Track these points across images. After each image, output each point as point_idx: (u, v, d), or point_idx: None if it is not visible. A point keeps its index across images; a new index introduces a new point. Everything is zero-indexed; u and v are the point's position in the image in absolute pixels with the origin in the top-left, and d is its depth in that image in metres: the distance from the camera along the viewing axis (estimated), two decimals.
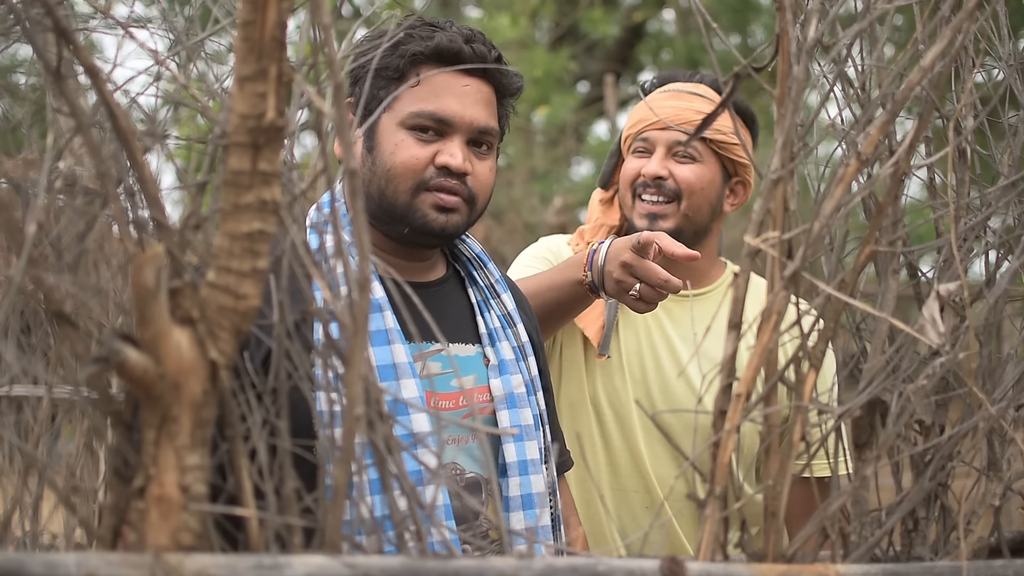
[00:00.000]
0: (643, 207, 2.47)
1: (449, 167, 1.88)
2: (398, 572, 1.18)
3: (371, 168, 1.90)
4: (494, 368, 1.98)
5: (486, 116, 1.93)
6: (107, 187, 1.25)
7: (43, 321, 1.80)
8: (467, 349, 1.98)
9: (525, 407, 1.98)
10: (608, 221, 2.58)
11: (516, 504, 1.91)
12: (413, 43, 1.90)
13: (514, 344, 2.02)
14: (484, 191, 1.95)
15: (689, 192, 2.46)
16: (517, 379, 1.99)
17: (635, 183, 2.49)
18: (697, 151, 2.47)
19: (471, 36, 1.93)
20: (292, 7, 1.19)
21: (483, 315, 2.01)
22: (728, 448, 1.36)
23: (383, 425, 1.28)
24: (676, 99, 2.51)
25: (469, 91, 1.92)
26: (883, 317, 1.46)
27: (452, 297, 2.02)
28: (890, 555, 1.55)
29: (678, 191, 2.45)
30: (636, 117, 2.55)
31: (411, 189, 1.88)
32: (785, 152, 1.40)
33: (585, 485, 2.49)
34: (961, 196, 1.69)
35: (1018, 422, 1.65)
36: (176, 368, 1.16)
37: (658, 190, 2.45)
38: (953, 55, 1.47)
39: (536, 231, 8.65)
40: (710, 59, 1.76)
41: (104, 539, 1.24)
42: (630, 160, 2.53)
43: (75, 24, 1.40)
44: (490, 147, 1.95)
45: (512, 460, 1.93)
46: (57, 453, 2.20)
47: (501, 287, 2.06)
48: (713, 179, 2.49)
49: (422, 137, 1.89)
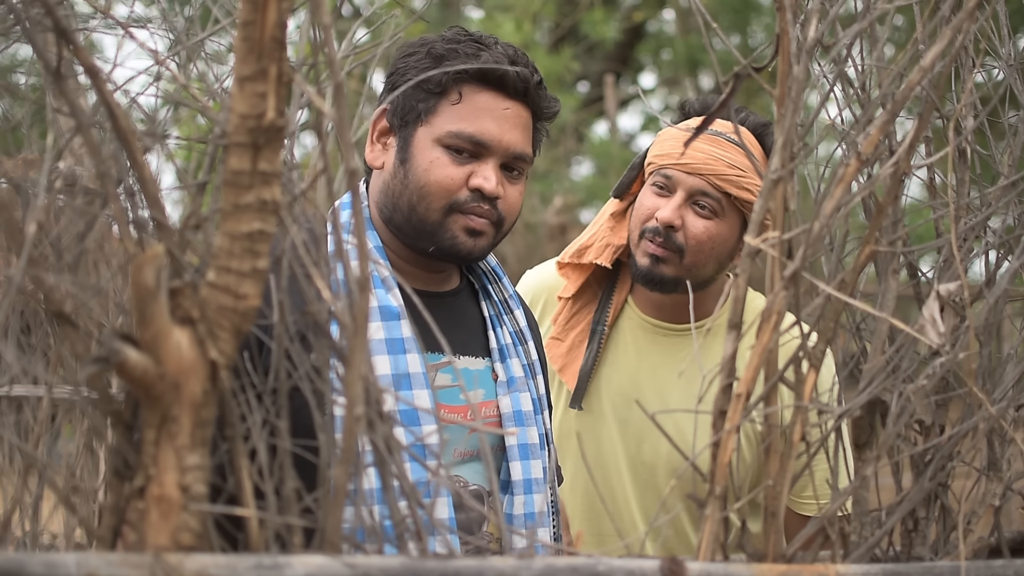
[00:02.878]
0: (648, 247, 2.33)
1: (483, 190, 1.87)
2: (398, 572, 1.18)
3: (403, 181, 1.88)
4: (502, 384, 1.97)
5: (523, 142, 1.92)
6: (107, 187, 1.25)
7: (43, 321, 1.80)
8: (476, 363, 1.98)
9: (532, 426, 1.97)
10: (615, 240, 2.44)
11: (519, 522, 1.91)
12: (459, 59, 1.87)
13: (524, 362, 2.01)
14: (512, 215, 1.93)
15: (696, 250, 2.32)
16: (526, 397, 1.98)
17: (646, 224, 2.35)
18: (719, 205, 2.31)
19: (515, 58, 1.91)
20: (292, 7, 1.19)
21: (495, 330, 2.00)
22: (728, 448, 1.36)
23: (383, 426, 1.28)
24: (712, 143, 2.32)
25: (509, 115, 1.90)
26: (883, 317, 1.46)
27: (465, 309, 2.01)
28: (890, 555, 1.55)
29: (683, 246, 2.32)
30: (666, 148, 2.37)
31: (443, 208, 1.87)
32: (785, 152, 1.40)
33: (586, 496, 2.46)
34: (961, 196, 1.69)
35: (1018, 422, 1.65)
36: (176, 368, 1.16)
37: (665, 240, 2.32)
38: (953, 55, 1.47)
39: (536, 231, 8.65)
40: (710, 59, 1.76)
41: (104, 539, 1.24)
42: (648, 194, 2.38)
43: (75, 24, 1.40)
44: (521, 172, 1.94)
45: (517, 478, 1.93)
46: (57, 453, 2.20)
47: (514, 303, 2.05)
48: (728, 237, 2.34)
49: (457, 157, 1.87)
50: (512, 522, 1.91)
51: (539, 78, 1.94)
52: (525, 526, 1.91)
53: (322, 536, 1.24)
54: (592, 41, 10.83)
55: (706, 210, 2.32)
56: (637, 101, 12.47)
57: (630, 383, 2.43)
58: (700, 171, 2.31)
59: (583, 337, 2.45)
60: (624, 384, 2.43)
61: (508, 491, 1.93)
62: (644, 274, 2.35)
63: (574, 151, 10.17)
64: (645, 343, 2.45)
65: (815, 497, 2.33)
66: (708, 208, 2.32)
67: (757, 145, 2.35)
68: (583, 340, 2.44)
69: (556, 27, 11.14)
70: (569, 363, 2.43)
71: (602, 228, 2.47)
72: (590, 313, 2.46)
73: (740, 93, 2.26)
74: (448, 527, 1.43)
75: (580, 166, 10.72)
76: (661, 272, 2.34)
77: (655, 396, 2.41)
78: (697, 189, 2.32)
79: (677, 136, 2.37)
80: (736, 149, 2.30)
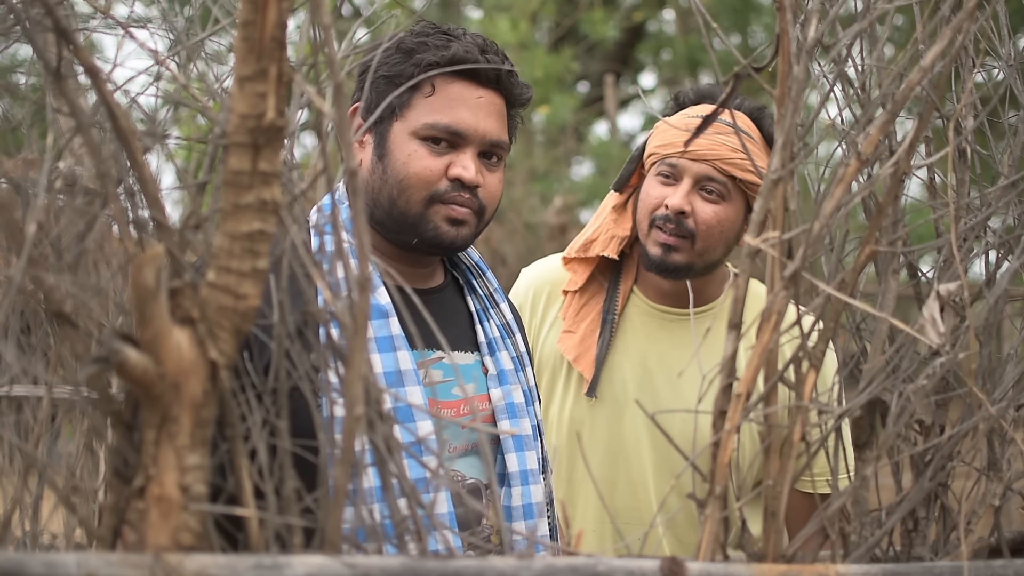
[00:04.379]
0: (659, 236, 2.39)
1: (462, 180, 1.88)
2: (398, 572, 1.18)
3: (382, 176, 1.89)
4: (493, 378, 1.98)
5: (498, 129, 1.93)
6: (107, 187, 1.25)
7: (43, 321, 1.80)
8: (466, 357, 1.99)
9: (524, 417, 1.99)
10: (619, 232, 2.50)
11: (517, 514, 1.92)
12: (429, 52, 1.88)
13: (513, 354, 2.03)
14: (492, 203, 1.95)
15: (706, 234, 2.37)
16: (517, 389, 2.00)
17: (655, 213, 2.40)
18: (726, 188, 2.38)
19: (485, 46, 1.92)
20: (292, 7, 1.19)
21: (482, 324, 2.01)
22: (728, 448, 1.36)
23: (383, 426, 1.28)
24: (714, 130, 2.37)
25: (483, 103, 1.91)
26: (883, 317, 1.46)
27: (451, 304, 2.02)
28: (890, 555, 1.55)
29: (694, 232, 2.37)
30: (668, 138, 2.42)
31: (424, 200, 1.88)
32: (785, 152, 1.40)
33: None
34: (961, 196, 1.69)
35: (1018, 422, 1.65)
36: (176, 368, 1.16)
37: (676, 226, 2.37)
38: (953, 55, 1.47)
39: (536, 231, 8.65)
40: (710, 59, 1.76)
41: (104, 539, 1.24)
42: (653, 184, 2.43)
43: (75, 24, 1.40)
44: (500, 159, 1.96)
45: (514, 470, 1.93)
46: (57, 453, 2.20)
47: (499, 296, 2.06)
48: (735, 220, 2.40)
49: (435, 148, 1.89)
50: (511, 514, 1.92)
51: (510, 65, 1.95)
52: (524, 517, 1.92)
53: (322, 536, 1.24)
54: (592, 41, 10.84)
55: (713, 195, 2.38)
56: (637, 101, 12.47)
57: (642, 369, 2.47)
58: (705, 157, 2.36)
59: (594, 327, 2.49)
60: (636, 369, 2.47)
61: (505, 483, 1.94)
62: (658, 263, 2.40)
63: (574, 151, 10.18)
64: (654, 328, 2.50)
65: (811, 475, 2.36)
66: (715, 193, 2.37)
67: (755, 129, 2.41)
68: (594, 330, 2.49)
69: (556, 27, 11.14)
70: (583, 352, 2.47)
71: (605, 221, 2.52)
72: (598, 304, 2.51)
73: (740, 93, 2.25)
74: (451, 530, 1.43)
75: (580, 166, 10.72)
76: (674, 260, 2.39)
77: (666, 379, 2.45)
78: (704, 175, 2.37)
79: (676, 124, 2.42)
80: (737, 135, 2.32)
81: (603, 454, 2.46)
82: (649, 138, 2.49)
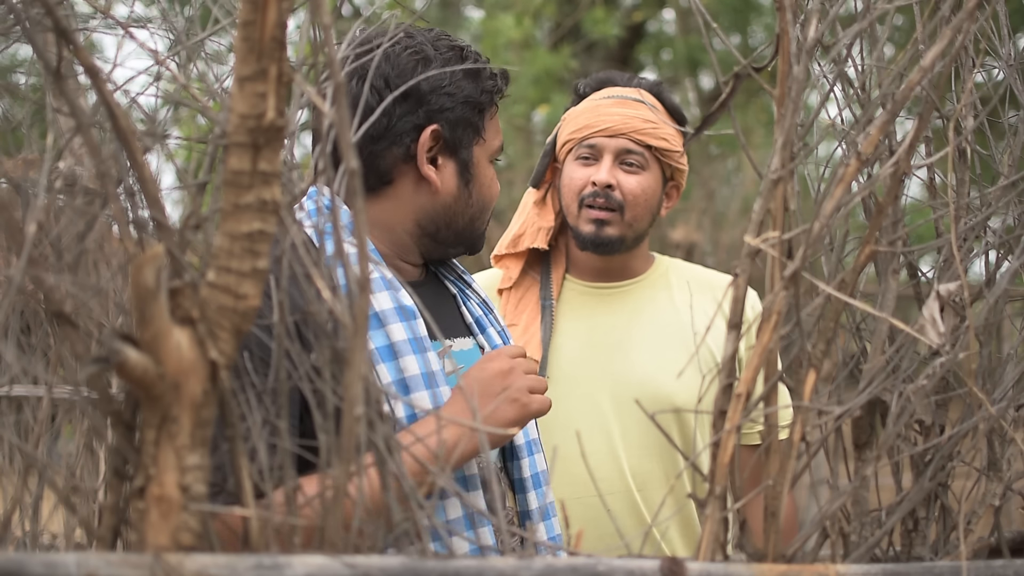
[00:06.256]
0: (590, 213, 2.52)
1: None
2: (398, 572, 1.18)
3: (467, 201, 1.94)
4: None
5: None
6: (107, 187, 1.25)
7: (43, 321, 1.80)
8: (466, 343, 2.00)
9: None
10: (544, 223, 2.62)
11: (536, 517, 1.95)
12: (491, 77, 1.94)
13: (498, 328, 2.07)
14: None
15: (633, 204, 2.52)
16: None
17: (583, 193, 2.53)
18: (644, 159, 2.53)
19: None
20: (292, 7, 1.19)
21: (466, 304, 2.05)
22: (728, 448, 1.36)
23: (383, 425, 1.28)
24: (623, 106, 2.54)
25: None
26: (883, 317, 1.46)
27: (439, 292, 2.04)
28: (890, 555, 1.55)
29: (622, 202, 2.51)
30: (581, 122, 2.56)
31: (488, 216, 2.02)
32: (785, 152, 1.40)
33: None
34: (961, 196, 1.69)
35: (1018, 422, 1.65)
36: (176, 368, 1.16)
37: (606, 200, 2.51)
38: (953, 55, 1.47)
39: None
40: (710, 59, 1.76)
41: (104, 539, 1.24)
42: (574, 167, 2.56)
43: (75, 24, 1.40)
44: None
45: (528, 475, 1.96)
46: (57, 453, 2.20)
47: (467, 276, 2.10)
48: (656, 188, 2.55)
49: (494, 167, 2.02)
50: (531, 517, 1.94)
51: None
52: (534, 487, 1.95)
53: (322, 536, 1.24)
54: (592, 40, 10.84)
55: (634, 167, 2.53)
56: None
57: (589, 343, 2.55)
58: (621, 131, 2.52)
59: (534, 315, 2.58)
60: (584, 345, 2.55)
61: (522, 489, 1.94)
62: (592, 239, 2.53)
63: None
64: (593, 304, 2.60)
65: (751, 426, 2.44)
66: (635, 164, 2.53)
67: (658, 103, 2.58)
68: (535, 318, 2.58)
69: (557, 27, 11.14)
70: (528, 339, 2.54)
71: (530, 216, 2.65)
72: (535, 295, 2.62)
73: (740, 93, 2.28)
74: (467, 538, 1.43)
75: None
76: (607, 233, 2.53)
77: (616, 348, 2.54)
78: (623, 148, 2.53)
79: (585, 110, 2.57)
80: (645, 107, 2.54)
81: (565, 430, 2.45)
82: (559, 131, 2.62)
